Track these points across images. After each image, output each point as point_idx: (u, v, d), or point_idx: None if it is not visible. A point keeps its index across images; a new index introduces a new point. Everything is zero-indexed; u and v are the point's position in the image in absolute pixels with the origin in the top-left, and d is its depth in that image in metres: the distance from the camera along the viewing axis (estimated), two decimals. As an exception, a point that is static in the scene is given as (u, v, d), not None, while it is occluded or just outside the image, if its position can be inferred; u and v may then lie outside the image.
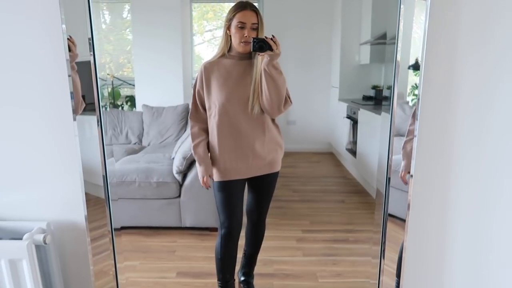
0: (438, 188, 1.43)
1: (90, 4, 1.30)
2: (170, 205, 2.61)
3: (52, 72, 1.34)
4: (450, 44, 1.30)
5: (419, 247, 1.48)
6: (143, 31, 4.01)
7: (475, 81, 1.31)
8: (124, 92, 5.02)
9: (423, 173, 1.41)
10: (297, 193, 3.46)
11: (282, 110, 1.71)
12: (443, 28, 1.30)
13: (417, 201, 1.44)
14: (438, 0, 1.27)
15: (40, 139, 1.42)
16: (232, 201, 1.76)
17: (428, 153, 1.40)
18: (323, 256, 2.35)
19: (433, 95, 1.34)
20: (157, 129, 3.67)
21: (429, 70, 1.32)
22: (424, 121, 1.36)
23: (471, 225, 1.40)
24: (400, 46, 1.34)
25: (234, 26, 1.64)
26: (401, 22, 1.32)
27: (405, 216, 1.42)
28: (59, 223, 1.44)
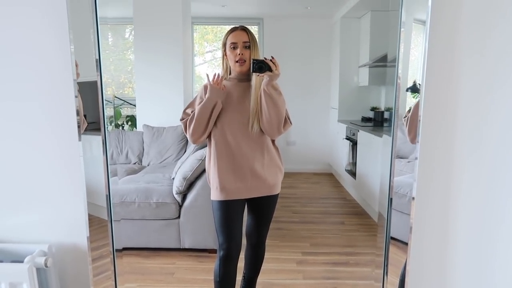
0: (439, 211, 1.42)
1: (98, 26, 1.33)
2: (169, 226, 2.59)
3: (58, 92, 1.36)
4: (448, 65, 1.32)
5: (421, 271, 1.47)
6: (144, 52, 4.07)
7: (474, 103, 1.33)
8: (125, 112, 5.05)
9: (425, 195, 1.41)
10: (297, 214, 3.44)
11: (282, 131, 1.72)
12: (441, 50, 1.32)
13: (419, 224, 1.43)
14: (437, 24, 1.30)
15: (44, 160, 1.42)
16: (231, 222, 1.74)
17: (430, 175, 1.40)
18: (323, 279, 2.32)
19: (433, 117, 1.36)
20: (157, 149, 3.67)
21: (428, 93, 1.34)
22: (425, 143, 1.36)
23: (473, 248, 1.39)
24: (401, 68, 1.36)
25: (228, 48, 1.68)
26: (402, 45, 1.34)
27: (407, 239, 1.41)
28: (61, 245, 1.43)
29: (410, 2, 1.33)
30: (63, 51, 1.32)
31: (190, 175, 2.57)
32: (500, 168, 1.30)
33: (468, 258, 1.40)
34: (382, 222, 1.51)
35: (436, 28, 1.30)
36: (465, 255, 1.41)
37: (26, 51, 1.35)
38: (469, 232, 1.39)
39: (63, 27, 1.30)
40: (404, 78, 1.38)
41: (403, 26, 1.34)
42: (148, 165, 3.62)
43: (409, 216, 1.40)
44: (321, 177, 4.97)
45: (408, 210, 1.41)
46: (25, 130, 1.40)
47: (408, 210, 1.41)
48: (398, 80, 1.39)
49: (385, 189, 1.47)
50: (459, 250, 1.42)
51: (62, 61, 1.33)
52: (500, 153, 1.29)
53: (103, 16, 1.34)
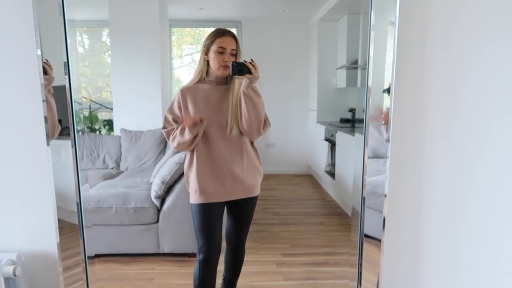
0: (411, 208, 1.45)
1: (66, 28, 1.30)
2: (148, 230, 2.56)
3: (26, 97, 1.32)
4: (418, 66, 1.35)
5: (395, 267, 1.49)
6: (122, 55, 4.01)
7: (443, 102, 1.36)
8: (102, 116, 4.97)
9: (397, 193, 1.44)
10: (277, 216, 3.45)
11: (262, 132, 1.73)
12: (411, 50, 1.35)
13: (392, 221, 1.46)
14: (406, 26, 1.32)
15: (11, 165, 1.38)
16: (210, 225, 1.73)
17: (401, 173, 1.43)
18: (303, 280, 2.33)
19: (404, 117, 1.39)
20: (135, 153, 3.62)
21: (399, 94, 1.37)
22: (396, 142, 1.39)
23: (445, 243, 1.43)
24: (372, 71, 1.39)
25: (214, 51, 1.66)
26: (372, 48, 1.37)
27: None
28: (30, 254, 1.38)
29: (380, 4, 1.35)
30: (30, 55, 1.29)
31: (168, 179, 2.55)
32: (469, 165, 1.34)
33: (439, 253, 1.44)
34: (356, 220, 1.53)
35: (405, 28, 1.33)
36: (437, 250, 1.44)
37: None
38: (440, 228, 1.43)
39: (30, 30, 1.27)
40: (379, 80, 1.40)
41: (374, 28, 1.36)
42: (126, 169, 3.57)
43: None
44: (301, 179, 5.00)
45: (382, 207, 1.43)
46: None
47: (382, 207, 1.44)
48: (369, 82, 1.41)
49: (359, 187, 1.49)
50: (431, 246, 1.45)
51: (31, 65, 1.30)
52: (469, 150, 1.33)
53: (71, 18, 1.31)
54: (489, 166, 1.29)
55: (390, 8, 1.33)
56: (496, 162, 1.28)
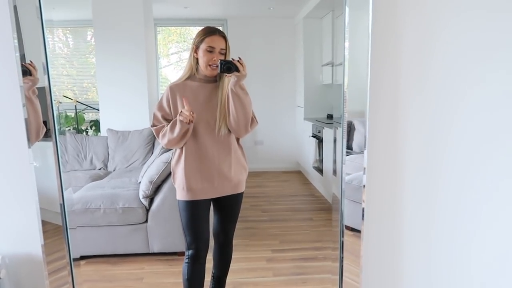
0: (388, 197, 1.49)
1: (44, 29, 1.29)
2: (136, 231, 2.56)
3: (6, 99, 1.31)
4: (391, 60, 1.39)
5: (374, 256, 1.53)
6: (106, 55, 3.97)
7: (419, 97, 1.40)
8: (89, 116, 4.93)
9: (375, 183, 1.48)
10: (266, 213, 3.47)
11: (249, 129, 1.74)
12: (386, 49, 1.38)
13: (370, 211, 1.49)
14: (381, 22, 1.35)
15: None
16: (198, 221, 1.75)
17: (378, 164, 1.46)
18: (293, 275, 2.36)
19: (380, 112, 1.42)
20: (122, 153, 3.60)
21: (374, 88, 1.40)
22: (373, 135, 1.43)
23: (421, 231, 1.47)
24: (347, 67, 1.42)
25: (203, 49, 1.66)
26: (347, 45, 1.39)
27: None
28: (15, 256, 1.37)
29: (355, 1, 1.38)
30: (10, 56, 1.28)
31: (156, 178, 2.55)
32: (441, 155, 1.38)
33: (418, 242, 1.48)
34: (336, 215, 1.56)
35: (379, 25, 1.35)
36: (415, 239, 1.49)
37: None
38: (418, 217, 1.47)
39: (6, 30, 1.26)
40: (362, 76, 1.43)
41: (349, 26, 1.38)
42: (114, 170, 3.55)
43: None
44: (290, 175, 5.04)
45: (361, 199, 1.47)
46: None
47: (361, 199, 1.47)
48: (345, 79, 1.44)
49: (339, 180, 1.52)
50: (409, 235, 1.49)
51: (9, 66, 1.29)
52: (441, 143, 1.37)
53: (48, 18, 1.31)
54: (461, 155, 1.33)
55: (365, 4, 1.36)
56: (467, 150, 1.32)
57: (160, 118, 1.73)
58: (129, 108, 3.96)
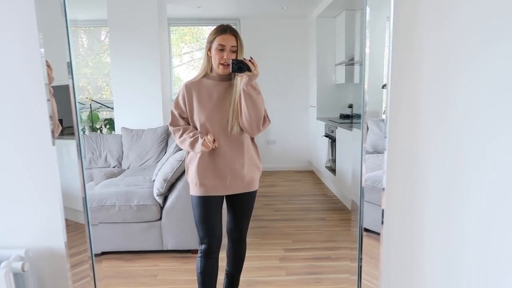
0: (409, 200, 1.47)
1: (69, 28, 1.32)
2: (151, 228, 2.58)
3: (30, 97, 1.33)
4: (412, 61, 1.37)
5: (393, 259, 1.51)
6: (121, 54, 4.02)
7: (437, 96, 1.38)
8: (103, 115, 4.99)
9: (394, 186, 1.46)
10: (278, 212, 3.47)
11: (261, 129, 1.75)
12: (407, 48, 1.36)
13: (390, 214, 1.48)
14: (401, 22, 1.34)
15: (18, 165, 1.39)
16: (210, 217, 1.77)
17: (398, 166, 1.45)
18: (306, 275, 2.36)
19: (400, 112, 1.40)
20: (136, 151, 3.64)
21: (395, 89, 1.38)
22: (393, 136, 1.41)
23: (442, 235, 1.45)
24: (368, 67, 1.40)
25: (214, 48, 1.65)
26: (367, 44, 1.38)
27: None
28: (38, 250, 1.41)
29: (376, 0, 1.36)
30: (33, 55, 1.31)
31: (170, 176, 2.57)
32: (465, 157, 1.36)
33: (438, 245, 1.46)
34: (355, 215, 1.55)
35: (400, 23, 1.34)
36: (435, 242, 1.47)
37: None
38: (438, 220, 1.45)
39: (32, 30, 1.28)
40: (378, 75, 1.42)
41: (370, 25, 1.37)
42: (128, 168, 3.59)
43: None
44: (302, 175, 5.03)
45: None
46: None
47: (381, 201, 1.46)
48: (365, 79, 1.42)
49: (358, 182, 1.51)
50: (429, 238, 1.47)
51: (33, 65, 1.32)
52: (465, 142, 1.35)
53: (73, 18, 1.33)
54: (484, 159, 1.31)
55: (385, 3, 1.34)
56: (491, 153, 1.30)
57: (177, 116, 1.77)
58: (143, 107, 4.00)
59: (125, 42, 3.95)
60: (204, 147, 1.65)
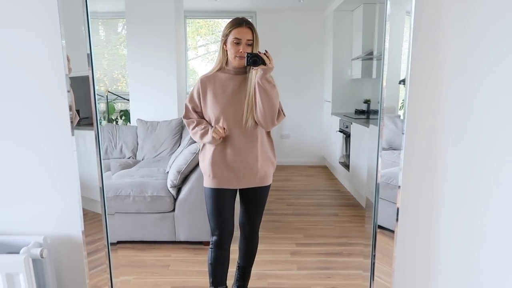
0: (425, 198, 1.45)
1: (89, 20, 1.33)
2: (164, 219, 2.62)
3: (50, 87, 1.36)
4: (433, 57, 1.34)
5: (407, 257, 1.50)
6: (137, 46, 4.05)
7: (457, 94, 1.35)
8: (119, 106, 5.04)
9: (410, 184, 1.44)
10: (291, 207, 3.47)
11: (276, 122, 1.74)
12: (426, 41, 1.34)
13: (405, 212, 1.46)
14: (423, 16, 1.31)
15: (38, 154, 1.42)
16: (222, 209, 1.78)
17: (415, 164, 1.43)
18: (317, 270, 2.36)
19: (419, 109, 1.38)
20: (151, 143, 3.68)
21: (415, 85, 1.36)
22: (411, 133, 1.39)
23: (458, 235, 1.43)
24: (387, 62, 1.38)
25: (230, 41, 1.66)
26: (387, 39, 1.36)
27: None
28: (56, 238, 1.45)
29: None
30: (54, 46, 1.33)
31: (184, 168, 2.59)
32: (483, 156, 1.33)
33: (453, 244, 1.44)
34: (370, 212, 1.54)
35: (421, 18, 1.31)
36: (450, 242, 1.45)
37: (15, 47, 1.35)
38: (453, 220, 1.43)
39: (54, 22, 1.30)
40: (395, 71, 1.40)
41: (389, 19, 1.35)
42: (143, 159, 3.63)
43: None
44: (315, 170, 5.00)
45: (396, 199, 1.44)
46: (19, 125, 1.41)
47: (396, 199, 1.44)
48: (384, 74, 1.40)
49: (373, 179, 1.50)
50: (444, 238, 1.46)
51: (53, 56, 1.34)
52: (484, 141, 1.33)
53: (93, 10, 1.34)
54: (503, 158, 1.29)
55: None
56: (509, 154, 1.27)
57: (190, 110, 1.79)
58: (158, 99, 4.04)
59: (141, 34, 3.98)
60: (215, 134, 1.66)
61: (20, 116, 1.40)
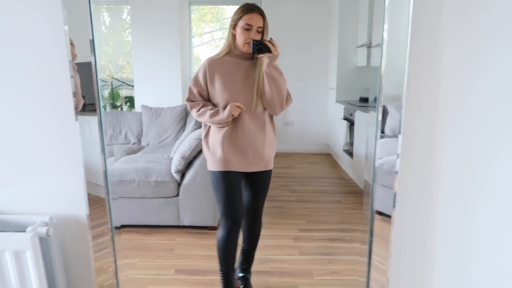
0: (422, 184, 1.47)
1: (91, 6, 1.34)
2: (168, 204, 2.65)
3: (55, 72, 1.37)
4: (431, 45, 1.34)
5: (403, 240, 1.52)
6: (142, 33, 4.06)
7: (455, 82, 1.35)
8: (123, 93, 5.06)
9: (408, 170, 1.46)
10: (294, 194, 3.50)
11: (284, 107, 1.76)
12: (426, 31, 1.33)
13: (403, 198, 1.48)
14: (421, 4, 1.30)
15: (43, 136, 1.44)
16: (234, 192, 1.78)
17: (413, 150, 1.44)
18: (319, 255, 2.39)
19: (418, 95, 1.38)
20: (155, 129, 3.70)
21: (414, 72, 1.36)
22: (410, 119, 1.40)
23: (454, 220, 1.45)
24: (385, 50, 1.38)
25: (240, 27, 1.65)
26: (386, 26, 1.35)
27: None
28: (61, 218, 1.48)
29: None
30: (58, 32, 1.34)
31: (188, 154, 2.61)
32: (482, 143, 1.34)
33: (450, 229, 1.46)
34: (367, 198, 1.56)
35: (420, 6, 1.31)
36: (447, 227, 1.47)
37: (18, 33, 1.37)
38: (451, 205, 1.44)
39: (57, 7, 1.31)
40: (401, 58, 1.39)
41: (392, 5, 1.34)
42: (147, 145, 3.66)
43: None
44: (319, 157, 5.01)
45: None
46: (26, 108, 1.43)
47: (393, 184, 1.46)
48: (382, 62, 1.40)
49: (371, 164, 1.51)
50: (441, 223, 1.47)
51: (57, 42, 1.35)
52: (482, 129, 1.33)
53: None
54: (503, 145, 1.29)
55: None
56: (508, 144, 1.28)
57: (195, 94, 1.77)
58: (163, 85, 4.05)
59: (146, 20, 3.97)
60: (234, 110, 1.66)
61: (26, 99, 1.43)
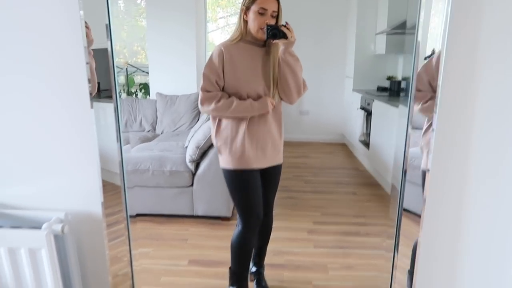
0: (455, 184, 1.40)
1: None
2: (182, 193, 2.64)
3: (70, 59, 1.34)
4: (472, 33, 1.25)
5: (433, 243, 1.47)
6: (157, 17, 4.00)
7: (497, 74, 1.27)
8: (138, 79, 5.04)
9: (441, 167, 1.39)
10: (309, 184, 3.45)
11: (302, 94, 1.68)
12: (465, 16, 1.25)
13: (433, 196, 1.42)
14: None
15: (58, 126, 1.42)
16: (256, 191, 1.70)
17: (446, 147, 1.37)
18: (334, 248, 2.35)
19: (453, 88, 1.31)
20: (170, 117, 3.68)
21: (449, 62, 1.28)
22: (443, 114, 1.32)
23: (487, 223, 1.38)
24: (421, 36, 1.30)
25: (254, 11, 1.55)
26: (422, 10, 1.28)
27: (420, 210, 1.41)
28: (77, 213, 1.47)
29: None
30: (73, 16, 1.30)
31: (203, 143, 2.58)
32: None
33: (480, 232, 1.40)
34: (395, 193, 1.50)
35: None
36: (477, 228, 1.40)
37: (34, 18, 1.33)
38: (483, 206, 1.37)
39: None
40: (422, 46, 1.32)
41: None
42: (162, 133, 3.65)
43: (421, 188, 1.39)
44: (334, 147, 4.94)
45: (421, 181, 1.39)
46: (38, 99, 1.41)
47: (420, 181, 1.40)
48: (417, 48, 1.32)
49: (400, 160, 1.45)
50: (472, 223, 1.41)
51: (73, 27, 1.31)
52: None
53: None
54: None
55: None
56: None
57: (213, 83, 1.60)
58: (177, 72, 4.01)
59: (161, 6, 3.92)
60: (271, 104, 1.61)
61: (40, 90, 1.40)
